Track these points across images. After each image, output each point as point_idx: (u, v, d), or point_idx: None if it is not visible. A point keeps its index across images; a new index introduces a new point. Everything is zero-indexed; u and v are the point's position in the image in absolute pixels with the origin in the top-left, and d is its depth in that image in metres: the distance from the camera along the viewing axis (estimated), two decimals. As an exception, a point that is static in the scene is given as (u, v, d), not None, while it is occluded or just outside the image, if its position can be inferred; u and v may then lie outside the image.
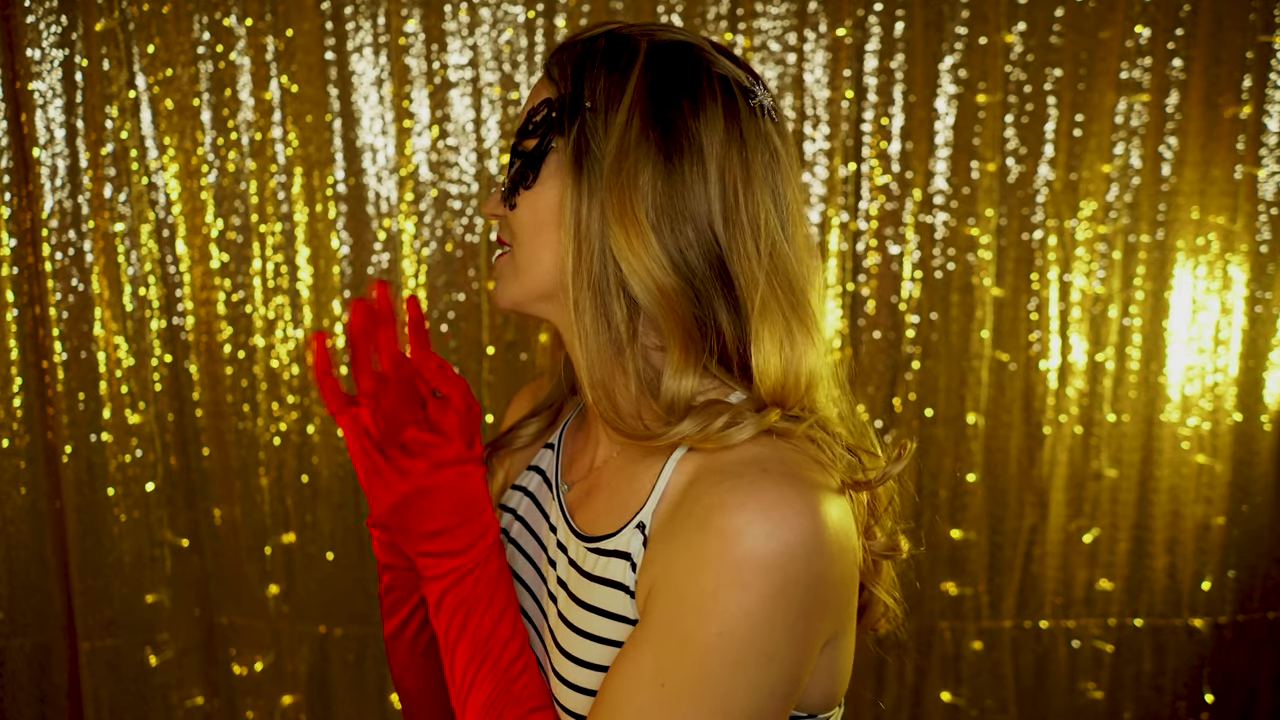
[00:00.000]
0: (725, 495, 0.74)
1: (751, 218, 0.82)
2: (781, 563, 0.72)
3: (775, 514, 0.72)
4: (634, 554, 0.81)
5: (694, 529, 0.74)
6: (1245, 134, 2.06)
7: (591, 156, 0.81)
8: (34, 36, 1.91)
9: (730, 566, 0.72)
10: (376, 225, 2.06)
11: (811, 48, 2.03)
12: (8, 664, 2.04)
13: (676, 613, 0.74)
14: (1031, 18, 2.02)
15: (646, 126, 0.81)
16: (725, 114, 0.82)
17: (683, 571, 0.74)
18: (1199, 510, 2.19)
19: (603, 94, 0.82)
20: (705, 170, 0.81)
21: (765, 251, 0.82)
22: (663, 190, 0.80)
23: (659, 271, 0.80)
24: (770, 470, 0.75)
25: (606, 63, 0.83)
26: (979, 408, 2.14)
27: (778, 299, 0.82)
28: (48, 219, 1.96)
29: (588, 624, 0.83)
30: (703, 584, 0.72)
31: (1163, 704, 2.25)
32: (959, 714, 2.24)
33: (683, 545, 0.75)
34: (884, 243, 2.10)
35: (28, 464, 2.01)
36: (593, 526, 0.87)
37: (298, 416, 2.09)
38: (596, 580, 0.84)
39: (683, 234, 0.81)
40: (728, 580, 0.71)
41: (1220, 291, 2.12)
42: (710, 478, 0.77)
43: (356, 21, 2.00)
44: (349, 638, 2.15)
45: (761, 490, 0.73)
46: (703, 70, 0.83)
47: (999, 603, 2.21)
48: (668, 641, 0.74)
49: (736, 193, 0.82)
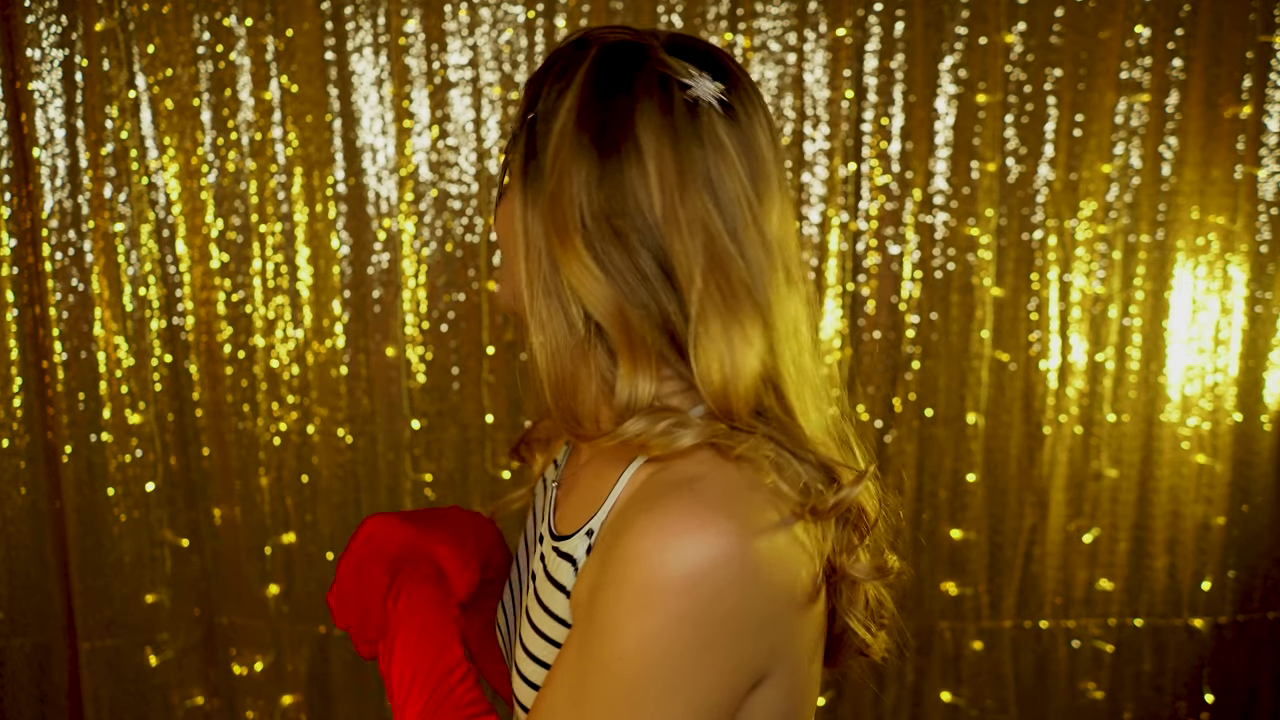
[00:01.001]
0: (642, 514, 0.71)
1: (689, 216, 0.78)
2: (685, 589, 0.68)
3: (688, 539, 0.69)
4: (578, 559, 0.80)
5: (614, 547, 0.72)
6: (1245, 134, 2.06)
7: (536, 164, 0.81)
8: (34, 36, 1.91)
9: (633, 587, 0.69)
10: (376, 225, 2.06)
11: (811, 48, 2.03)
12: (8, 664, 2.04)
13: (589, 631, 0.72)
14: (1031, 18, 2.02)
15: (581, 128, 0.79)
16: (660, 109, 0.79)
17: (600, 589, 0.72)
18: (1199, 510, 2.19)
19: (547, 101, 0.81)
20: (644, 168, 0.78)
21: (701, 250, 0.78)
22: (600, 192, 0.78)
23: (594, 285, 0.78)
24: (699, 492, 0.72)
25: (558, 72, 0.82)
26: (979, 408, 2.14)
27: (715, 300, 0.78)
28: (48, 219, 1.96)
29: (542, 623, 0.83)
30: (608, 603, 0.71)
31: (1163, 704, 2.25)
32: (959, 714, 2.24)
33: (604, 563, 0.73)
34: (884, 243, 2.10)
35: (28, 464, 2.01)
36: (562, 525, 0.88)
37: (298, 416, 2.09)
38: (550, 580, 0.84)
39: (625, 237, 0.78)
40: (629, 601, 0.69)
41: (1220, 291, 2.12)
42: (644, 494, 0.75)
43: (356, 21, 2.00)
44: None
45: (680, 513, 0.70)
46: (641, 66, 0.80)
47: (999, 603, 2.21)
48: (579, 658, 0.73)
49: (673, 190, 0.78)
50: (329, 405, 2.09)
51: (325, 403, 2.09)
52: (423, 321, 2.09)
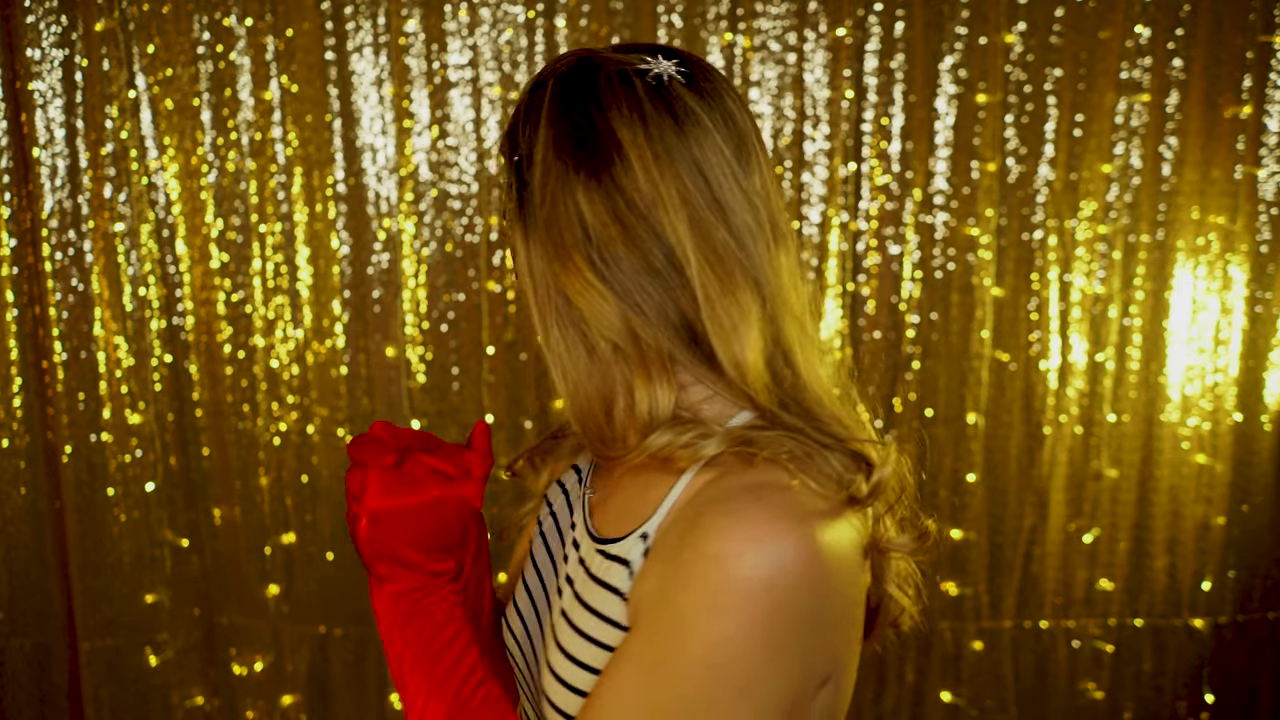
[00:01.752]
0: (718, 519, 0.72)
1: (669, 193, 0.78)
2: (763, 591, 0.70)
3: (767, 544, 0.70)
4: (633, 562, 0.81)
5: (684, 550, 0.73)
6: (1245, 134, 2.06)
7: (529, 201, 0.83)
8: (34, 36, 1.91)
9: (710, 590, 0.70)
10: (376, 225, 2.06)
11: (811, 48, 2.03)
12: (8, 664, 2.04)
13: (658, 632, 0.74)
14: (1031, 18, 2.02)
15: (560, 150, 0.80)
16: (626, 100, 0.79)
17: (669, 591, 0.73)
18: (1199, 510, 2.19)
19: (525, 143, 0.84)
20: (627, 159, 0.78)
21: (687, 225, 0.78)
22: (597, 200, 0.78)
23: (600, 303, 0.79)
24: (765, 499, 0.73)
25: (526, 114, 0.85)
26: (979, 408, 2.14)
27: (710, 278, 0.78)
28: (48, 219, 1.96)
29: (585, 624, 0.83)
30: (683, 606, 0.72)
31: (1163, 704, 2.25)
32: (959, 714, 2.24)
33: (673, 565, 0.74)
34: (884, 243, 2.10)
35: (28, 464, 2.01)
36: (606, 529, 0.88)
37: (298, 416, 2.09)
38: (597, 582, 0.84)
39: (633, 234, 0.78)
40: (706, 604, 0.70)
41: (1220, 291, 2.12)
42: (708, 500, 0.76)
43: (356, 21, 2.00)
44: (349, 638, 2.15)
45: (753, 518, 0.71)
46: (598, 72, 0.81)
47: (999, 603, 2.21)
48: (649, 661, 0.74)
49: (654, 172, 0.78)
50: (329, 405, 2.09)
51: (325, 403, 2.09)
52: (423, 321, 2.09)
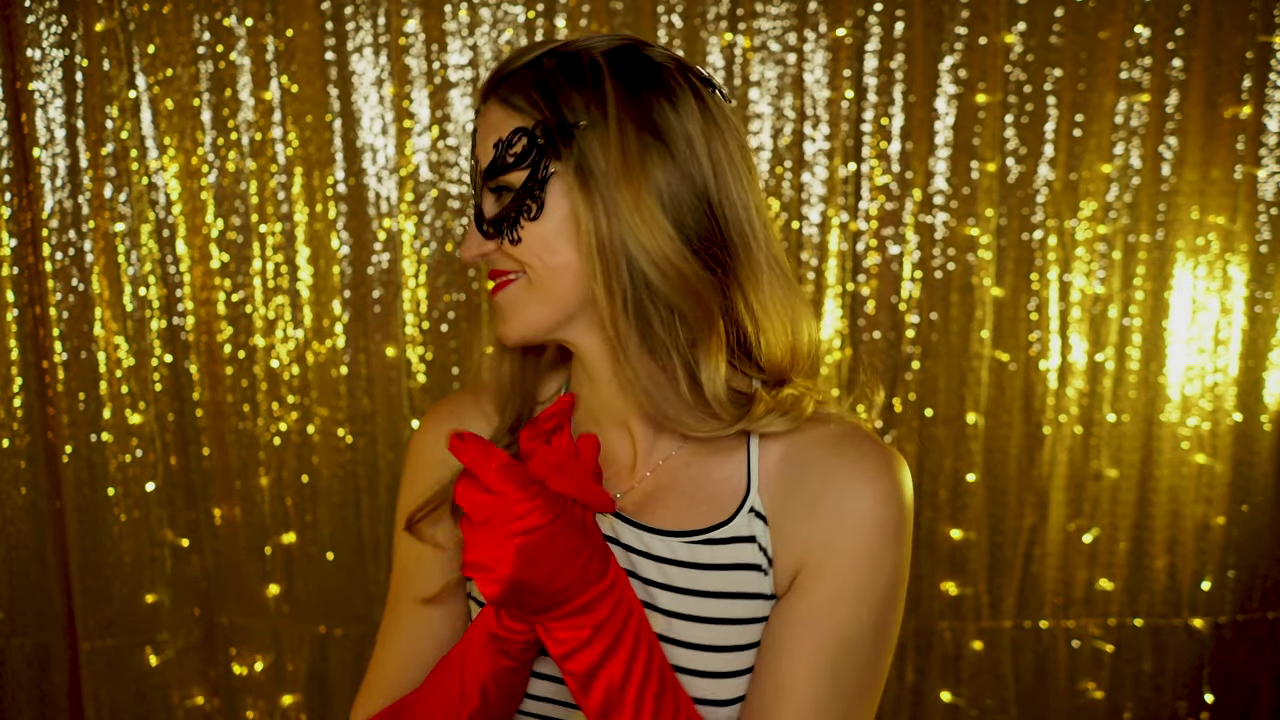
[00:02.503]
0: (856, 467, 0.85)
1: (741, 196, 0.87)
2: (908, 513, 0.85)
3: (901, 474, 0.85)
4: (758, 535, 0.87)
5: (844, 501, 0.84)
6: (1245, 134, 2.06)
7: (595, 171, 0.82)
8: (34, 36, 1.92)
9: (888, 524, 0.84)
10: (376, 225, 2.06)
11: (811, 48, 2.03)
12: (8, 664, 2.04)
13: (849, 577, 0.84)
14: (1031, 18, 2.02)
15: (641, 130, 0.83)
16: (695, 101, 0.86)
17: (846, 539, 0.84)
18: (1199, 510, 2.19)
19: (586, 110, 0.83)
20: (698, 159, 0.84)
21: (758, 227, 0.88)
22: (672, 183, 0.83)
23: (680, 261, 0.83)
24: (872, 439, 0.87)
25: (572, 81, 0.84)
26: (979, 408, 2.14)
27: (770, 269, 0.88)
28: (48, 219, 1.97)
29: (719, 610, 0.87)
30: (869, 545, 0.83)
31: (1163, 704, 2.25)
32: (959, 714, 2.24)
33: (835, 517, 0.84)
34: (884, 243, 2.10)
35: (28, 464, 2.01)
36: (681, 522, 0.90)
37: (298, 416, 2.09)
38: (719, 568, 0.87)
39: (697, 219, 0.84)
40: (889, 537, 0.84)
41: (1220, 291, 2.12)
42: (821, 453, 0.87)
43: (356, 21, 2.00)
44: (349, 638, 2.15)
45: (880, 456, 0.85)
46: (661, 68, 0.86)
47: (999, 603, 2.21)
48: (846, 604, 0.84)
49: (725, 175, 0.86)
50: (329, 405, 2.09)
51: (325, 403, 2.09)
52: (423, 321, 2.09)
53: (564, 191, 0.84)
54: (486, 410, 1.04)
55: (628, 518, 0.92)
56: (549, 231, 0.85)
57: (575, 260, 0.85)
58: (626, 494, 0.94)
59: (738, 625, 0.87)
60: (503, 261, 0.89)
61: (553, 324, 0.89)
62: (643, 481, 0.93)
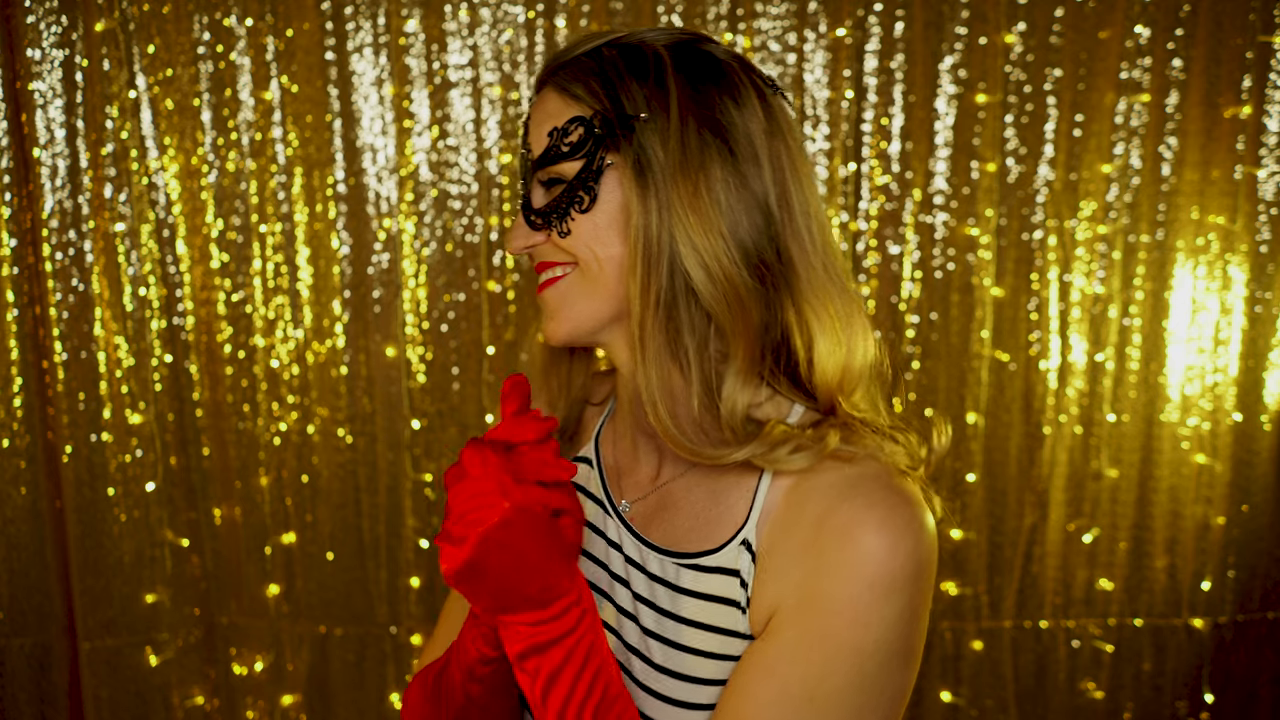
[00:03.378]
0: (862, 512, 0.77)
1: (801, 202, 0.83)
2: (919, 571, 0.77)
3: (913, 533, 0.77)
4: (743, 571, 0.82)
5: (828, 546, 0.77)
6: (1245, 134, 2.06)
7: (652, 165, 0.80)
8: (34, 36, 1.91)
9: (883, 580, 0.75)
10: (376, 225, 2.06)
11: (811, 48, 2.03)
12: (8, 664, 2.04)
13: (827, 625, 0.76)
14: (1031, 18, 2.02)
15: (702, 127, 0.81)
16: (760, 103, 0.83)
17: (824, 587, 0.77)
18: (1199, 510, 2.19)
19: (646, 103, 0.81)
20: (759, 160, 0.82)
21: (816, 235, 0.83)
22: (731, 185, 0.81)
23: (730, 266, 0.80)
24: (892, 487, 0.79)
25: (634, 73, 0.82)
26: (979, 408, 2.14)
27: (828, 279, 0.83)
28: (48, 219, 1.96)
29: (693, 640, 0.83)
30: (857, 595, 0.76)
31: (1163, 704, 2.25)
32: (959, 714, 2.24)
33: (822, 561, 0.77)
34: (884, 243, 2.10)
35: (28, 464, 2.01)
36: (678, 543, 0.87)
37: (298, 416, 2.09)
38: (700, 596, 0.84)
39: (753, 223, 0.81)
40: (882, 591, 0.75)
41: (1220, 291, 2.12)
42: (828, 495, 0.79)
43: (356, 21, 2.00)
44: (349, 638, 2.15)
45: (894, 506, 0.77)
46: (724, 65, 0.84)
47: (999, 603, 2.21)
48: (817, 653, 0.77)
49: (785, 179, 0.83)
50: (329, 405, 2.09)
51: (325, 403, 2.09)
52: (423, 321, 2.09)
53: (618, 184, 0.82)
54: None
55: (633, 528, 0.91)
56: (600, 223, 0.82)
57: (623, 254, 0.82)
58: (636, 503, 0.92)
59: (707, 659, 0.83)
60: (551, 253, 0.86)
61: (602, 320, 0.85)
62: (656, 493, 0.91)
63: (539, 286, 0.88)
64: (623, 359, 0.88)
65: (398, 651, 2.16)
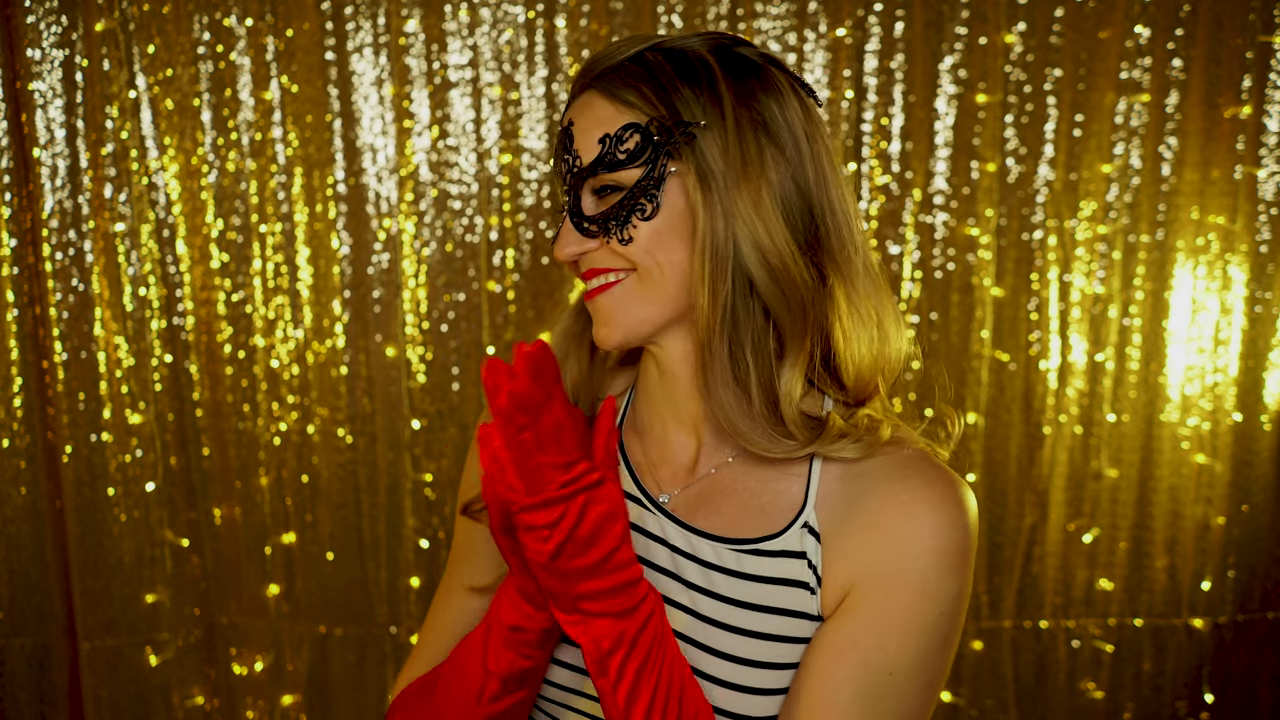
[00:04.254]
0: (920, 490, 0.83)
1: (840, 200, 0.86)
2: (972, 544, 0.84)
3: (967, 505, 0.83)
4: (809, 553, 0.85)
5: (899, 522, 0.82)
6: (1245, 134, 2.06)
7: (714, 171, 0.82)
8: (34, 36, 1.92)
9: (948, 554, 0.82)
10: (376, 225, 2.06)
11: (811, 48, 2.03)
12: (8, 664, 2.04)
13: (901, 600, 0.81)
14: (1031, 18, 2.02)
15: (756, 130, 0.83)
16: (798, 102, 0.86)
17: (900, 561, 0.81)
18: (1199, 510, 2.19)
19: (703, 109, 0.82)
20: (804, 161, 0.85)
21: (856, 232, 0.87)
22: (786, 186, 0.84)
23: (793, 262, 0.83)
24: (939, 467, 0.85)
25: (685, 78, 0.83)
26: (979, 408, 2.14)
27: (866, 275, 0.87)
28: (48, 219, 1.97)
29: (759, 624, 0.85)
30: (924, 573, 0.81)
31: (1163, 704, 2.25)
32: (959, 714, 2.24)
33: (889, 540, 0.82)
34: (884, 243, 2.10)
35: (28, 464, 2.01)
36: (732, 529, 0.88)
37: (298, 416, 2.09)
38: (764, 580, 0.86)
39: (806, 222, 0.84)
40: (947, 566, 0.81)
41: (1220, 291, 2.12)
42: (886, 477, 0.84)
43: (356, 21, 2.00)
44: (349, 638, 2.15)
45: (948, 485, 0.83)
46: (760, 66, 0.86)
47: (999, 603, 2.21)
48: (893, 628, 0.81)
49: (827, 178, 0.86)
50: (329, 405, 2.09)
51: (325, 403, 2.09)
52: (423, 321, 2.09)
53: (681, 190, 0.83)
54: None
55: (678, 519, 0.91)
56: (663, 230, 0.83)
57: (685, 259, 0.84)
58: (677, 495, 0.93)
59: (775, 642, 0.85)
60: (605, 260, 0.86)
61: (659, 325, 0.87)
62: (698, 483, 0.92)
63: (590, 292, 0.88)
64: (675, 357, 0.90)
65: (398, 651, 2.16)
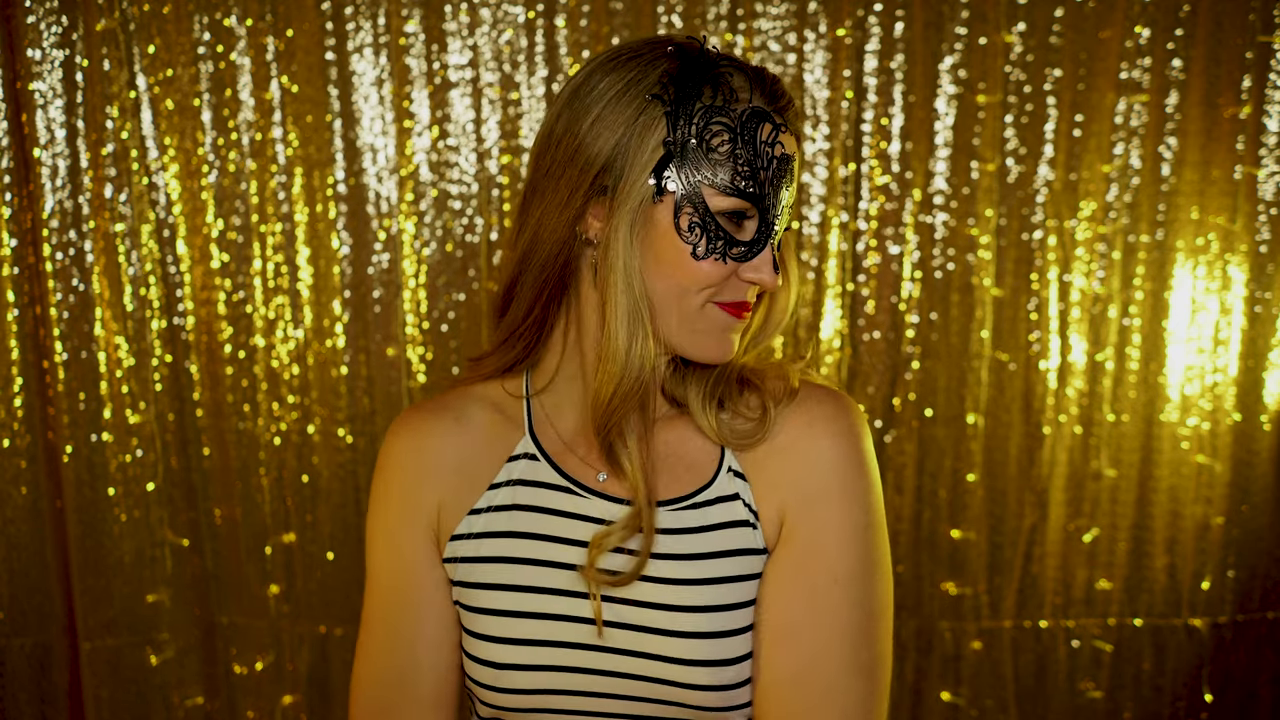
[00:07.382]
0: (817, 407, 0.92)
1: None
2: (870, 445, 0.92)
3: (855, 409, 0.93)
4: (740, 492, 0.93)
5: (809, 442, 0.91)
6: (1245, 134, 2.06)
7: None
8: (34, 36, 1.92)
9: (856, 459, 0.90)
10: (376, 225, 2.06)
11: (811, 48, 2.03)
12: (8, 664, 2.04)
13: (832, 514, 0.89)
14: (1031, 18, 2.02)
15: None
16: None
17: (821, 477, 0.90)
18: (1199, 510, 2.19)
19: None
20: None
21: None
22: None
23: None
24: (820, 387, 0.95)
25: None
26: (979, 408, 2.14)
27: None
28: (48, 219, 1.97)
29: (714, 570, 0.91)
30: (842, 479, 0.90)
31: (1162, 704, 2.25)
32: (959, 714, 2.24)
33: (806, 460, 0.91)
34: (884, 243, 2.10)
35: (28, 464, 2.01)
36: (666, 491, 0.95)
37: (298, 416, 2.09)
38: (710, 529, 0.92)
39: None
40: (861, 469, 0.90)
41: (1220, 291, 2.12)
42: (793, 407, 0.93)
43: (356, 21, 2.00)
44: (349, 638, 2.15)
45: (835, 400, 0.93)
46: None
47: (999, 603, 2.21)
48: (832, 542, 0.89)
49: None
50: (329, 405, 2.09)
51: (325, 403, 2.09)
52: (423, 321, 2.09)
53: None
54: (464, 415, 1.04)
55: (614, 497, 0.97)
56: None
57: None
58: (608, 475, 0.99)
59: (733, 583, 0.91)
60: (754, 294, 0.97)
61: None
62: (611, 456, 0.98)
63: (744, 310, 0.94)
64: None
65: (398, 651, 2.16)
